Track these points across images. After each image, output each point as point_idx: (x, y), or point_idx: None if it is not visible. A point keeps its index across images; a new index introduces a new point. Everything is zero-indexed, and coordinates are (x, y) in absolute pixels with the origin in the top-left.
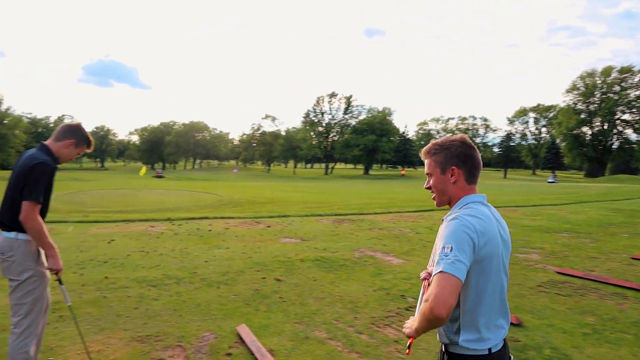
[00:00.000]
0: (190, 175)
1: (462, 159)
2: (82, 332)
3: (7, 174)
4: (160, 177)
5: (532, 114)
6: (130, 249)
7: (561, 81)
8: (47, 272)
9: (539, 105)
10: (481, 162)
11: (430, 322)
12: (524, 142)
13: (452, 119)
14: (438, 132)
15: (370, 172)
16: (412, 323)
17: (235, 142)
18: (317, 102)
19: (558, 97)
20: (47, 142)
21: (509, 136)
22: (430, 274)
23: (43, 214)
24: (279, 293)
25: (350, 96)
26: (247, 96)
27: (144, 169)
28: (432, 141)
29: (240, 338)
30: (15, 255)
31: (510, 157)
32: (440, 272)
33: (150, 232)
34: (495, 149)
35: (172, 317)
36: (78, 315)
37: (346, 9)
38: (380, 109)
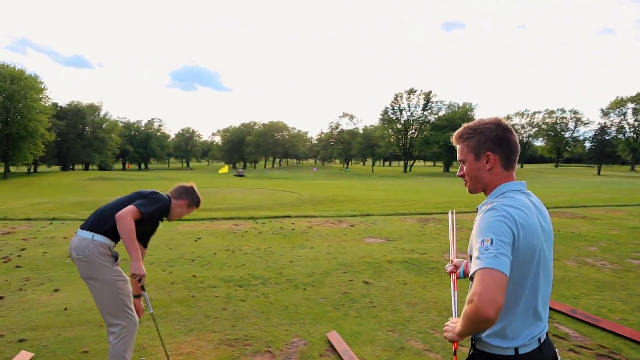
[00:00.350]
0: (270, 174)
1: (497, 143)
2: (169, 333)
3: (107, 174)
4: (241, 175)
5: (630, 105)
6: (216, 247)
7: None
8: (128, 278)
9: (639, 94)
10: (519, 146)
11: (476, 325)
12: (620, 136)
13: (539, 112)
14: (523, 127)
15: (451, 169)
16: (454, 325)
17: (314, 141)
18: (395, 98)
19: None
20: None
21: (603, 129)
22: (456, 267)
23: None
24: (369, 297)
25: (430, 92)
26: (326, 95)
27: (225, 168)
28: (465, 125)
29: (331, 346)
30: (90, 256)
31: (604, 152)
32: (483, 268)
33: (234, 231)
34: (587, 144)
35: (260, 320)
36: (168, 315)
37: (423, 3)
38: (461, 104)
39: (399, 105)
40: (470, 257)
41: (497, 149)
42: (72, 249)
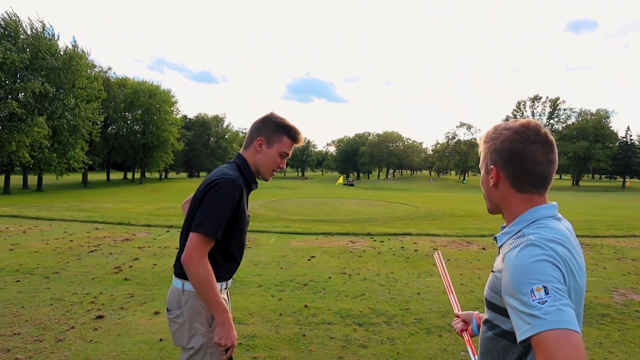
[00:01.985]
0: (383, 184)
1: (505, 156)
2: None
3: None
4: (351, 185)
5: None
6: (332, 269)
7: None
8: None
9: None
10: (543, 165)
11: None
12: None
13: None
14: None
15: (581, 183)
16: None
17: (429, 152)
18: (518, 106)
19: None
20: (242, 152)
21: None
22: (466, 322)
23: (231, 256)
24: None
25: (557, 99)
26: (442, 104)
27: (341, 178)
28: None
29: None
30: (184, 315)
31: None
32: (550, 330)
33: (351, 249)
34: None
35: None
36: (273, 358)
37: (545, 3)
38: (594, 111)
39: (522, 113)
40: (492, 305)
41: (505, 163)
42: (167, 300)
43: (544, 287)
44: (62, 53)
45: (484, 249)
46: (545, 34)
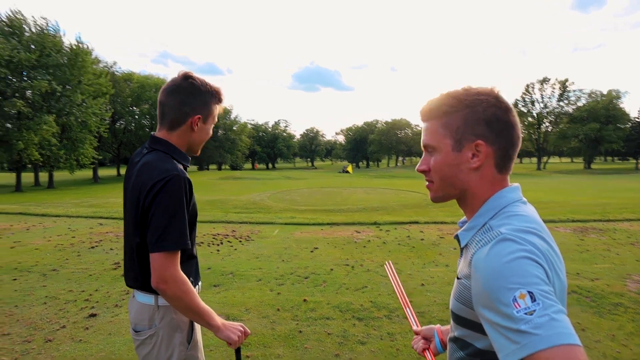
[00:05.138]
0: (393, 172)
1: (497, 127)
2: None
3: (236, 173)
4: (346, 172)
5: None
6: (334, 260)
7: None
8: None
9: None
10: (521, 139)
11: None
12: None
13: None
14: None
15: (593, 166)
16: None
17: None
18: (526, 89)
19: None
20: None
21: None
22: (427, 339)
23: (192, 254)
24: None
25: (566, 80)
26: (450, 88)
27: (350, 167)
28: (444, 93)
29: None
30: (158, 334)
31: None
32: (545, 349)
33: (356, 239)
34: None
35: None
36: (267, 357)
37: None
38: (605, 92)
39: (531, 96)
40: (462, 320)
41: (495, 137)
42: (131, 320)
43: (528, 292)
44: (67, 50)
45: None
46: (551, 14)
